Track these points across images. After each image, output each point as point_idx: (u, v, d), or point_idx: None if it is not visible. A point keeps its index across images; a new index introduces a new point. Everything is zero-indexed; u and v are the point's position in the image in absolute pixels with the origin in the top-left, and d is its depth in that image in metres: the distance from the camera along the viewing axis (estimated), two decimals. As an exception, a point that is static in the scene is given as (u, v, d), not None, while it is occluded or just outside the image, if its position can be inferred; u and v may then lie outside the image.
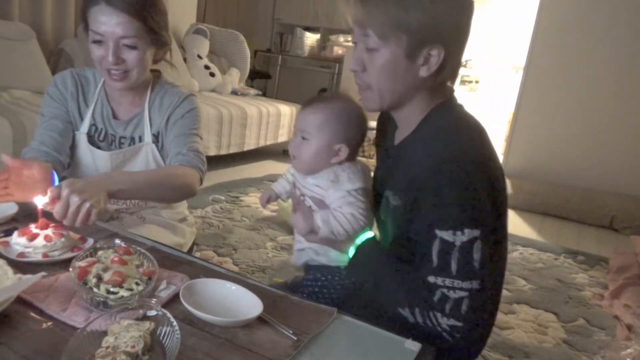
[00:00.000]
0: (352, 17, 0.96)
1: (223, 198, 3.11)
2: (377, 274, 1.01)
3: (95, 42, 1.26)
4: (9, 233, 1.07)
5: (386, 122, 1.18)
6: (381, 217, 1.10)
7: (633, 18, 3.75)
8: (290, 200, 1.18)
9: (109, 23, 1.23)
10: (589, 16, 3.87)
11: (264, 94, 5.41)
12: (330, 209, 1.04)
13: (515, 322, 2.11)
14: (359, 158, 1.15)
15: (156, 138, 1.43)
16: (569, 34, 3.95)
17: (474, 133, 0.98)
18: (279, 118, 4.19)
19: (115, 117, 1.42)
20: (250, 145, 3.97)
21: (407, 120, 1.04)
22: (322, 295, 1.16)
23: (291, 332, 0.89)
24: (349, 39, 5.67)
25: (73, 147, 1.40)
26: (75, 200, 0.99)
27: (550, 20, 3.99)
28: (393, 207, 1.03)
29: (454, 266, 0.90)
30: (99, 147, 1.41)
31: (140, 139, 1.42)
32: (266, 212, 2.97)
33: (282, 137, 4.32)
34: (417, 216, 0.96)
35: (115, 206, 1.44)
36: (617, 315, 2.22)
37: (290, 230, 2.73)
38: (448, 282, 0.90)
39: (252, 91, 4.64)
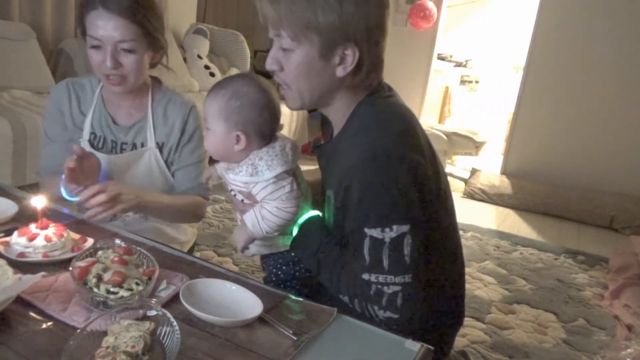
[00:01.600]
0: (263, 17, 0.96)
1: (223, 198, 3.11)
2: (320, 259, 1.02)
3: (93, 47, 1.27)
4: (9, 233, 1.08)
5: (325, 121, 1.17)
6: (325, 216, 1.09)
7: (633, 18, 3.75)
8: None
9: (107, 27, 1.23)
10: (589, 16, 3.87)
11: (264, 94, 5.40)
12: (257, 206, 1.03)
13: (515, 322, 2.11)
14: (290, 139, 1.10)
15: (159, 146, 1.43)
16: (569, 33, 3.95)
17: (396, 126, 0.97)
18: (279, 118, 4.19)
19: (115, 123, 1.42)
20: (250, 145, 3.97)
21: (337, 118, 1.05)
22: (288, 284, 1.16)
23: (291, 332, 0.89)
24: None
25: None
26: (113, 193, 1.15)
27: (550, 20, 3.99)
28: (328, 200, 1.05)
29: (385, 262, 0.91)
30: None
31: (143, 145, 1.42)
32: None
33: (282, 137, 4.31)
34: (347, 215, 0.97)
35: None
36: (617, 315, 2.22)
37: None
38: (381, 278, 0.92)
39: (252, 91, 4.63)
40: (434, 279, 1.02)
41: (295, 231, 1.07)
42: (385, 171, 0.90)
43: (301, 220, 1.06)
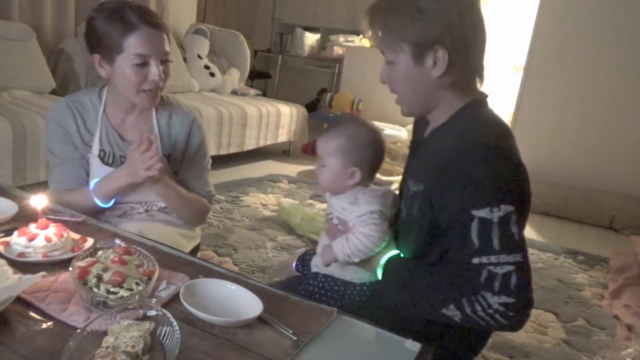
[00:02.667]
0: (369, 39, 1.09)
1: (223, 198, 3.11)
2: (411, 286, 1.03)
3: (137, 65, 1.30)
4: (9, 233, 1.08)
5: (419, 121, 1.24)
6: (404, 212, 1.13)
7: (633, 18, 3.75)
8: (291, 201, 1.20)
9: (153, 42, 1.30)
10: (589, 16, 3.87)
11: (264, 94, 5.41)
12: (346, 235, 1.10)
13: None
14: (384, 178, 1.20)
15: (166, 157, 1.45)
16: (569, 33, 3.95)
17: (503, 130, 1.04)
18: (279, 118, 4.19)
19: (122, 138, 1.44)
20: (250, 145, 3.97)
21: (439, 117, 1.09)
22: (324, 300, 1.16)
23: (291, 332, 0.89)
24: (349, 38, 5.68)
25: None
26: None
27: (550, 20, 3.99)
28: (412, 193, 1.06)
29: (495, 242, 0.91)
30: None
31: None
32: (266, 212, 2.98)
33: (282, 137, 4.32)
34: (445, 202, 0.97)
35: (129, 204, 1.46)
36: (617, 315, 2.22)
37: (290, 231, 2.73)
38: (493, 258, 0.91)
39: (252, 91, 4.64)
40: None
41: (380, 273, 1.11)
42: (490, 159, 0.94)
43: (384, 260, 1.10)
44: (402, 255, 1.11)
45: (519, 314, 0.92)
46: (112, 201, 1.40)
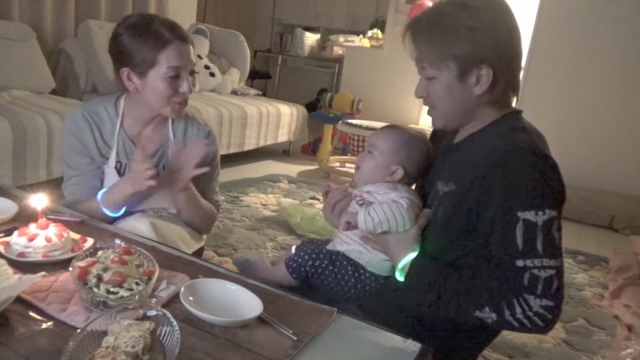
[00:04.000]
0: (409, 54, 1.09)
1: (223, 198, 3.10)
2: (440, 287, 1.00)
3: (171, 77, 1.33)
4: (9, 233, 1.08)
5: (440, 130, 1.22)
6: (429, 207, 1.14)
7: (633, 18, 3.75)
8: (291, 201, 1.20)
9: (185, 55, 1.34)
10: (589, 16, 3.87)
11: (264, 94, 5.41)
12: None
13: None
14: None
15: None
16: (569, 33, 3.95)
17: (543, 139, 1.05)
18: (279, 118, 4.19)
19: None
20: (250, 145, 3.97)
21: (472, 126, 1.10)
22: (338, 288, 1.18)
23: (291, 332, 0.89)
24: (349, 38, 5.67)
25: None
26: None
27: (551, 20, 3.99)
28: (443, 194, 1.07)
29: (539, 246, 0.93)
30: None
31: (164, 167, 1.46)
32: (266, 212, 2.98)
33: (282, 137, 4.32)
34: (488, 203, 0.97)
35: (140, 212, 1.47)
36: (617, 315, 2.22)
37: (290, 231, 2.73)
38: (537, 262, 0.93)
39: (252, 91, 4.64)
40: None
41: (399, 275, 1.08)
42: (531, 163, 0.95)
43: (401, 264, 1.07)
44: (423, 254, 1.09)
45: (556, 317, 0.93)
46: (122, 210, 1.40)
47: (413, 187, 1.23)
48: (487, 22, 1.00)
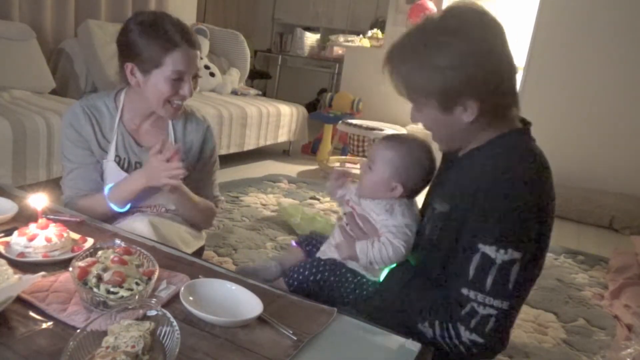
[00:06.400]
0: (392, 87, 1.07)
1: (223, 198, 3.10)
2: (406, 293, 1.04)
3: (174, 80, 1.33)
4: (9, 233, 1.08)
5: None
6: (423, 222, 1.14)
7: (633, 18, 3.75)
8: (291, 201, 1.21)
9: (191, 61, 1.35)
10: (589, 16, 3.87)
11: (264, 94, 5.41)
12: (372, 239, 1.12)
13: (515, 322, 2.11)
14: None
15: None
16: (569, 33, 3.95)
17: (537, 164, 0.99)
18: (279, 118, 4.19)
19: (138, 144, 1.46)
20: (250, 145, 3.97)
21: (474, 143, 1.06)
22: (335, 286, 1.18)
23: (291, 332, 0.89)
24: (349, 38, 5.67)
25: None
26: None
27: (551, 19, 3.99)
28: (438, 213, 1.05)
29: (488, 283, 0.91)
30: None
31: None
32: (266, 212, 2.98)
33: (282, 137, 4.31)
34: (463, 225, 0.97)
35: (139, 209, 1.47)
36: (617, 315, 2.22)
37: (290, 231, 2.73)
38: (480, 297, 0.92)
39: (252, 91, 4.63)
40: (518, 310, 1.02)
41: (383, 274, 1.12)
42: (517, 195, 0.92)
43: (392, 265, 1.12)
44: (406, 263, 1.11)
45: (482, 353, 0.93)
46: (128, 206, 1.40)
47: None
48: (454, 57, 0.93)
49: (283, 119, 4.24)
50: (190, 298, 0.93)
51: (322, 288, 1.17)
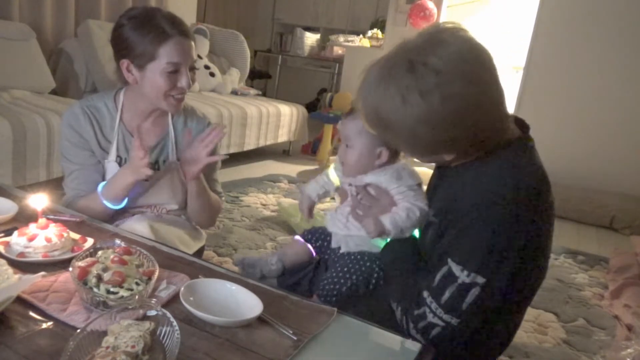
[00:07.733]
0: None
1: (223, 198, 3.10)
2: (396, 267, 1.07)
3: (170, 72, 1.32)
4: (9, 233, 1.08)
5: None
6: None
7: (633, 19, 3.75)
8: (291, 201, 1.21)
9: (185, 51, 1.33)
10: (589, 16, 3.87)
11: (264, 94, 5.41)
12: (395, 208, 1.08)
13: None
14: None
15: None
16: (569, 33, 3.95)
17: (528, 184, 0.93)
18: (279, 118, 4.19)
19: None
20: (250, 145, 3.97)
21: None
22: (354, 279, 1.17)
23: (291, 332, 0.89)
24: (349, 38, 5.68)
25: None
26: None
27: (551, 20, 3.99)
28: (427, 222, 1.07)
29: (445, 296, 0.94)
30: None
31: (164, 161, 1.46)
32: (266, 212, 2.98)
33: (282, 137, 4.31)
34: (443, 238, 0.99)
35: (139, 209, 1.47)
36: (617, 315, 2.22)
37: (290, 231, 2.73)
38: (434, 306, 0.95)
39: (252, 91, 4.63)
40: (490, 327, 1.01)
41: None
42: (500, 220, 0.90)
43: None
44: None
45: (423, 355, 0.92)
46: (123, 202, 1.39)
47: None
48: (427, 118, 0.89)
49: (283, 119, 4.24)
50: (191, 298, 0.93)
51: (356, 291, 1.16)
